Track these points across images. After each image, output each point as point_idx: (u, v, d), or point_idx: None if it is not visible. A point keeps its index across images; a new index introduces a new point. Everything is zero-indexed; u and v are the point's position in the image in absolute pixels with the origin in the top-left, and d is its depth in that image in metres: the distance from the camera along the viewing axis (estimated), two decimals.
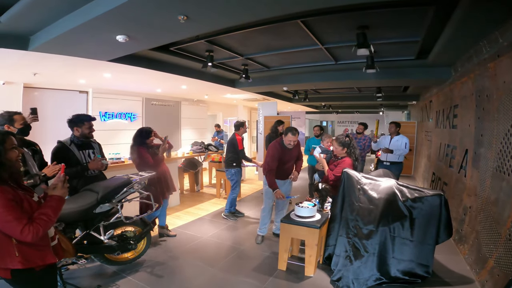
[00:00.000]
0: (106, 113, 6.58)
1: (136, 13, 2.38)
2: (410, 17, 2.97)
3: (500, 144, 2.73)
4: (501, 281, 2.27)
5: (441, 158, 5.12)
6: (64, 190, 1.65)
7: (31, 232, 1.43)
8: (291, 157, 3.72)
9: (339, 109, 15.86)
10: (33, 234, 1.43)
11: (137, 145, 3.57)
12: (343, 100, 10.31)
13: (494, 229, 2.65)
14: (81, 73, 4.87)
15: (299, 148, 3.84)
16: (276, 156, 3.51)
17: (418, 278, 2.69)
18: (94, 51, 3.49)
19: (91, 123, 2.99)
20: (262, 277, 2.92)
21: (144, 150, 3.54)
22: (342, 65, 5.02)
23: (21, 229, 1.41)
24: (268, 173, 3.51)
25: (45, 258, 1.59)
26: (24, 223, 1.43)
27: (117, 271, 2.98)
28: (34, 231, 1.44)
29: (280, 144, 3.58)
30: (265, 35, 3.70)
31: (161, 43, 3.29)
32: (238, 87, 6.81)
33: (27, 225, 1.43)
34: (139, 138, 3.60)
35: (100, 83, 5.92)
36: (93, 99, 6.33)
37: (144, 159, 3.49)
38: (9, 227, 1.42)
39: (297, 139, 3.52)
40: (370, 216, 2.75)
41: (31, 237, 1.43)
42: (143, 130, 3.65)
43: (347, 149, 3.35)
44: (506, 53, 2.67)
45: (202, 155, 6.18)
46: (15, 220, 1.41)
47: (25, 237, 1.42)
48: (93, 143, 3.09)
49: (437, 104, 5.95)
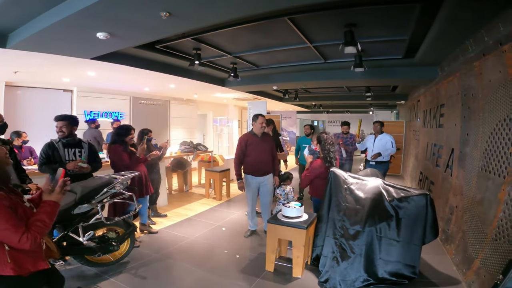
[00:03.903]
0: (91, 112, 6.44)
1: (115, 9, 2.32)
2: (397, 15, 2.97)
3: (485, 143, 2.74)
4: (487, 282, 2.26)
5: (428, 157, 5.17)
6: (60, 196, 1.60)
7: (29, 240, 1.40)
8: (263, 149, 3.74)
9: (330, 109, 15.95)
10: (31, 241, 1.40)
11: (114, 143, 3.48)
12: (333, 99, 10.35)
13: (480, 229, 2.65)
14: (64, 71, 4.74)
15: (272, 144, 3.89)
16: (243, 143, 3.71)
17: (405, 279, 2.67)
18: (75, 49, 3.40)
19: (59, 123, 2.95)
20: (249, 278, 2.88)
21: (120, 148, 3.44)
22: (332, 64, 5.01)
23: (19, 238, 1.38)
24: (236, 162, 3.76)
25: (37, 264, 1.55)
26: (22, 231, 1.39)
27: (99, 273, 2.91)
28: (32, 239, 1.41)
29: (249, 132, 3.80)
30: (253, 33, 3.66)
31: (145, 40, 3.22)
32: (227, 86, 6.75)
33: (25, 233, 1.40)
34: (116, 136, 3.52)
35: (85, 82, 5.78)
36: (78, 98, 6.19)
37: (120, 157, 3.39)
38: (7, 236, 1.38)
39: (265, 121, 3.71)
40: (356, 216, 2.73)
41: (29, 245, 1.40)
42: (122, 128, 3.57)
43: (320, 146, 3.33)
44: (491, 52, 2.67)
45: (190, 154, 6.10)
46: (13, 228, 1.37)
47: (22, 245, 1.39)
48: (84, 143, 3.08)
49: (425, 103, 6.01)
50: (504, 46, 2.40)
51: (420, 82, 5.79)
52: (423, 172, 5.46)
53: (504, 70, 2.43)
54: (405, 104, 9.59)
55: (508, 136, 2.35)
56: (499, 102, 2.50)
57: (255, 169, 3.76)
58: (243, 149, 3.73)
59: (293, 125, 13.96)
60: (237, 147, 3.80)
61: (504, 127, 2.41)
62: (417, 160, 6.33)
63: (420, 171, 5.77)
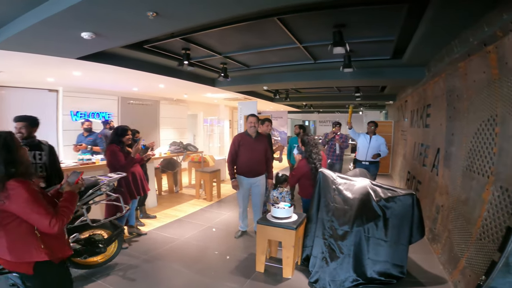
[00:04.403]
0: (77, 113, 6.31)
1: (100, 9, 2.27)
2: (385, 15, 3.00)
3: (470, 143, 2.79)
4: (473, 282, 2.27)
5: (416, 157, 5.24)
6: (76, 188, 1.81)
7: (58, 223, 1.53)
8: (256, 150, 3.74)
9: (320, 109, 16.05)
10: (59, 225, 1.54)
11: (111, 144, 3.47)
12: (323, 99, 10.42)
13: (465, 229, 2.68)
14: (48, 71, 4.62)
15: (266, 144, 3.88)
16: (236, 142, 3.72)
17: (393, 279, 2.70)
18: (59, 49, 3.33)
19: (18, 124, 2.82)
20: (240, 279, 2.87)
21: (117, 149, 3.44)
22: (321, 64, 5.04)
23: (49, 221, 1.50)
24: (229, 162, 3.78)
25: (64, 250, 1.70)
26: (52, 215, 1.53)
27: (86, 275, 2.86)
28: (60, 222, 1.54)
29: (243, 132, 3.82)
30: (243, 33, 3.64)
31: (132, 40, 3.18)
32: (218, 86, 6.71)
33: (54, 217, 1.53)
34: (115, 136, 3.51)
35: (70, 82, 5.65)
36: (64, 98, 6.04)
37: (116, 158, 3.38)
38: (39, 219, 1.50)
39: (256, 121, 3.72)
40: (345, 216, 2.74)
41: (57, 228, 1.53)
42: (119, 128, 3.57)
43: (305, 148, 3.38)
44: (476, 53, 2.71)
45: (180, 155, 6.04)
46: (44, 211, 1.51)
47: (52, 227, 1.52)
48: (43, 145, 2.95)
49: (412, 103, 6.11)
50: (489, 46, 2.44)
51: (407, 82, 5.88)
52: (411, 172, 5.54)
53: (488, 70, 2.46)
54: (393, 104, 9.73)
55: (492, 136, 2.39)
56: (483, 102, 2.55)
57: (247, 170, 3.75)
58: (236, 149, 3.74)
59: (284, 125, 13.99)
60: (230, 147, 3.82)
61: (488, 127, 2.45)
62: (405, 159, 6.43)
63: (408, 171, 5.85)
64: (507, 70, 2.17)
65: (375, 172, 5.25)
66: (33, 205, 1.49)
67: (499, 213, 2.16)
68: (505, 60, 2.18)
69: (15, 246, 1.53)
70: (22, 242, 1.54)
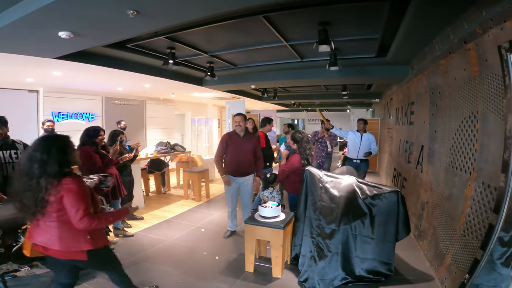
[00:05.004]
0: (59, 113, 6.11)
1: (77, 8, 2.21)
2: (368, 13, 3.01)
3: (452, 139, 2.83)
4: (459, 279, 2.29)
5: (401, 154, 5.31)
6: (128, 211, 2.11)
7: (87, 223, 1.70)
8: (243, 150, 3.73)
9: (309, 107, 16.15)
10: (87, 225, 1.70)
11: (84, 145, 3.33)
12: (311, 98, 10.48)
13: (450, 225, 2.71)
14: (26, 71, 4.47)
15: (255, 143, 3.85)
16: (224, 141, 3.72)
17: (381, 277, 2.72)
18: (37, 48, 3.22)
19: None
20: (229, 280, 2.85)
21: (91, 150, 3.31)
22: (308, 62, 5.05)
23: (81, 217, 1.69)
24: (216, 161, 3.78)
25: (104, 240, 1.99)
26: (86, 214, 1.71)
27: None
28: (90, 223, 1.71)
29: (232, 131, 3.81)
30: (229, 31, 3.61)
31: (113, 40, 3.10)
32: (205, 86, 6.65)
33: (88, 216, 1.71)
34: (86, 137, 3.37)
35: (51, 82, 5.48)
36: (45, 99, 5.85)
37: (92, 159, 3.26)
38: (74, 213, 1.68)
39: (242, 120, 3.69)
40: (332, 215, 2.74)
41: (83, 227, 1.70)
42: (90, 129, 3.44)
43: (297, 145, 3.36)
44: (456, 50, 2.74)
45: (167, 155, 5.95)
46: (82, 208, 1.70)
47: (80, 224, 1.69)
48: (18, 144, 2.99)
49: (397, 101, 6.20)
50: (469, 44, 2.47)
51: (392, 80, 5.97)
52: (397, 169, 5.62)
53: (469, 68, 2.50)
54: (379, 102, 9.87)
55: (473, 133, 2.43)
56: (464, 99, 2.59)
57: (234, 169, 3.73)
58: (224, 148, 3.73)
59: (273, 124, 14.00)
60: (218, 145, 3.81)
61: (469, 124, 2.50)
62: (391, 157, 6.52)
63: (394, 168, 5.94)
64: (486, 67, 2.21)
65: (365, 169, 5.30)
66: (76, 201, 1.69)
67: (482, 210, 2.20)
68: (485, 57, 2.22)
69: (66, 236, 1.76)
70: (72, 233, 1.76)
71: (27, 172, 1.71)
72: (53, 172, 1.70)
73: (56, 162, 1.72)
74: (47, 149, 1.73)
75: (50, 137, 1.89)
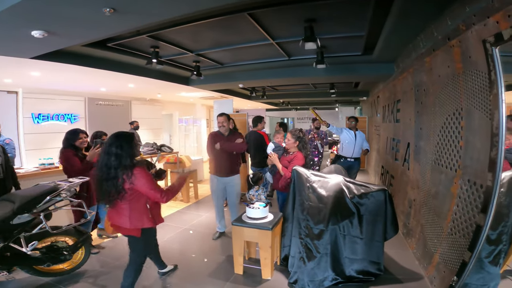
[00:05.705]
0: (39, 115, 5.91)
1: (48, 6, 2.11)
2: (353, 10, 2.99)
3: (437, 137, 2.83)
4: (448, 278, 2.27)
5: (388, 152, 5.33)
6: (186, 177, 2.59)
7: (166, 195, 2.18)
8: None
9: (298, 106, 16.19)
10: (167, 197, 2.19)
11: (64, 148, 3.27)
12: (300, 96, 10.49)
13: (437, 223, 2.69)
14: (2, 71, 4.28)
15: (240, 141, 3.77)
16: (208, 142, 3.76)
17: (371, 276, 2.70)
18: (10, 48, 3.10)
19: None
20: (218, 282, 2.80)
21: (71, 153, 3.24)
22: (295, 61, 5.02)
23: (160, 194, 2.16)
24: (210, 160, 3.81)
25: (160, 219, 2.39)
26: (161, 190, 2.18)
27: (53, 283, 2.74)
28: (168, 195, 2.20)
29: (217, 131, 3.82)
30: (214, 29, 3.54)
31: (91, 39, 2.99)
32: (192, 85, 6.55)
33: (163, 191, 2.18)
34: (65, 140, 3.32)
35: (30, 83, 5.28)
36: (24, 100, 5.64)
37: (70, 162, 3.19)
38: (154, 193, 2.15)
39: (225, 120, 3.67)
40: (319, 215, 2.70)
41: (165, 199, 2.19)
42: (70, 132, 3.36)
43: (299, 143, 3.28)
44: (440, 47, 2.73)
45: (154, 156, 5.82)
46: (156, 187, 2.17)
47: (162, 198, 2.17)
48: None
49: (383, 99, 6.24)
50: (452, 41, 2.47)
51: (378, 78, 6.01)
52: (384, 166, 5.64)
53: (453, 65, 2.50)
54: (367, 100, 9.95)
55: (458, 130, 2.43)
56: (448, 96, 2.59)
57: (217, 169, 3.70)
58: (212, 145, 3.69)
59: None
60: (207, 146, 3.81)
61: (454, 121, 2.49)
62: (379, 154, 6.56)
63: (382, 165, 5.98)
64: (470, 64, 2.20)
65: (358, 168, 5.31)
66: (150, 184, 2.13)
67: (468, 208, 2.19)
68: (469, 54, 2.21)
69: (134, 216, 2.16)
70: (139, 213, 2.17)
71: (105, 163, 2.06)
72: (128, 164, 2.07)
73: (128, 156, 2.09)
74: (120, 144, 2.08)
75: (121, 134, 2.18)
